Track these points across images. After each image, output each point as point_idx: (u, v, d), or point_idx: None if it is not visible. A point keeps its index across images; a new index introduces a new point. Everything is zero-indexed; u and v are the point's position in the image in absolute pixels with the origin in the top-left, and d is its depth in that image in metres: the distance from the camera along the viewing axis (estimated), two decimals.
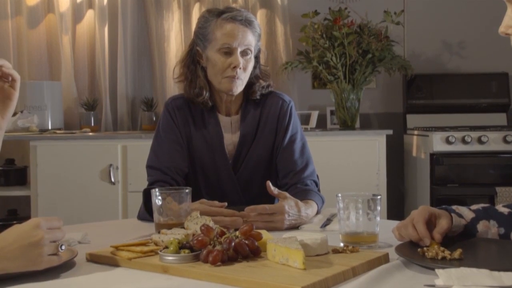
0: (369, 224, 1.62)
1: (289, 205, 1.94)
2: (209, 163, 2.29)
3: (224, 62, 2.19)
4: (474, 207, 1.66)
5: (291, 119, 2.34)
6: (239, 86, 2.23)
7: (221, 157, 2.28)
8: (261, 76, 2.34)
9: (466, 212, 1.63)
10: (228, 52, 2.18)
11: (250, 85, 2.31)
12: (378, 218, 1.63)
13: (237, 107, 2.34)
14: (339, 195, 1.64)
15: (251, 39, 2.21)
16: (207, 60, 2.25)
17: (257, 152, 2.30)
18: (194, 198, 1.94)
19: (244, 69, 2.21)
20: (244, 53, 2.20)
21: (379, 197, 1.64)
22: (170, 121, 2.30)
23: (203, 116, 2.31)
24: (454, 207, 1.64)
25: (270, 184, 1.98)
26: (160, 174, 2.23)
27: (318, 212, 2.14)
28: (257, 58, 2.32)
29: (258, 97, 2.33)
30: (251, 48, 2.21)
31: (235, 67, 2.18)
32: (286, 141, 2.31)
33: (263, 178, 2.15)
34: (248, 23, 2.19)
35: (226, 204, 1.93)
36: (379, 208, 1.63)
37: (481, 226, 1.61)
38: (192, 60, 2.29)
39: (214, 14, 2.22)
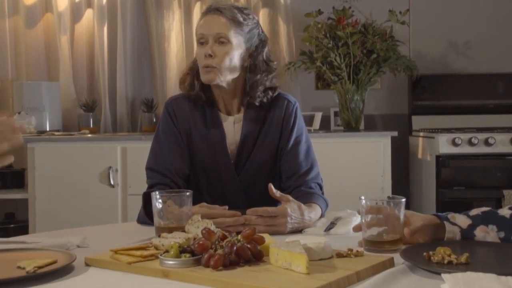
0: (394, 228, 1.59)
1: (291, 208, 1.91)
2: (210, 164, 2.25)
3: (199, 53, 2.19)
4: (474, 212, 1.65)
5: (296, 121, 2.31)
6: (216, 76, 2.18)
7: (223, 157, 2.25)
8: (257, 71, 2.26)
9: (463, 219, 1.63)
10: (203, 42, 2.19)
11: (250, 85, 2.25)
12: (402, 222, 1.61)
13: (237, 105, 2.30)
14: (363, 198, 1.62)
15: (224, 26, 2.17)
16: None
17: (260, 153, 2.27)
18: (196, 201, 1.92)
19: (219, 57, 2.16)
20: (217, 41, 2.17)
21: (403, 200, 1.61)
22: (170, 122, 2.28)
23: (204, 116, 2.28)
24: (450, 216, 1.63)
25: (272, 186, 1.95)
26: (160, 176, 2.20)
27: (321, 216, 2.11)
28: (256, 48, 2.26)
29: (257, 103, 2.27)
30: (226, 36, 2.17)
31: (205, 56, 2.16)
32: (291, 143, 2.28)
33: (266, 180, 2.10)
34: (217, 10, 2.18)
35: (227, 207, 1.91)
36: (403, 211, 1.60)
37: (478, 231, 1.61)
38: (195, 59, 2.30)
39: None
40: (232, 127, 2.28)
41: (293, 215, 1.90)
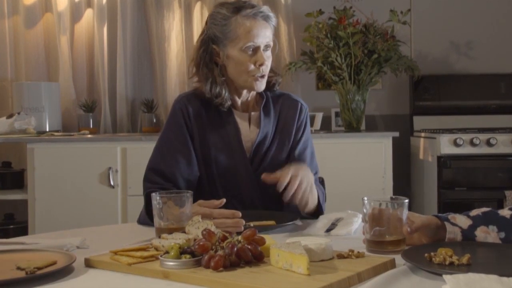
0: (396, 229, 1.58)
1: (290, 169, 1.98)
2: (226, 162, 2.24)
3: (249, 60, 2.15)
4: (474, 212, 1.65)
5: (307, 125, 2.37)
6: (264, 83, 2.22)
7: (239, 154, 2.23)
8: (273, 69, 2.32)
9: (463, 220, 1.62)
10: (253, 50, 2.15)
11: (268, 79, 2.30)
12: (405, 223, 1.60)
13: (253, 103, 2.31)
14: (365, 198, 1.61)
15: (270, 34, 2.18)
16: (227, 58, 2.19)
17: (276, 151, 2.28)
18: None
19: (267, 65, 2.19)
20: (265, 48, 2.17)
21: (406, 200, 1.60)
22: (180, 121, 2.24)
23: (218, 114, 2.26)
24: (450, 216, 1.63)
25: (265, 175, 2.00)
26: (161, 179, 2.17)
27: (320, 205, 2.15)
28: None
29: (276, 89, 2.34)
30: (271, 43, 2.20)
31: (261, 65, 2.15)
32: (300, 145, 2.32)
33: None
34: (268, 18, 2.17)
35: (224, 200, 1.91)
36: (406, 212, 1.60)
37: (479, 232, 1.60)
38: (210, 59, 2.23)
39: (232, 11, 2.16)
40: (247, 124, 2.28)
41: (298, 171, 1.96)
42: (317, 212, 2.16)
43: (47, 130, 4.31)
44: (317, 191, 2.12)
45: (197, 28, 4.57)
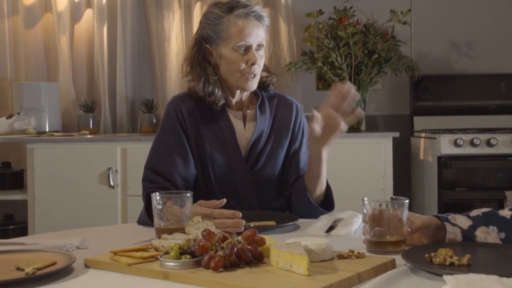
0: (396, 229, 1.58)
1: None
2: (221, 160, 2.24)
3: (241, 59, 2.16)
4: (474, 213, 1.65)
5: (306, 124, 2.37)
6: (256, 83, 2.22)
7: (234, 152, 2.23)
8: (268, 68, 2.35)
9: (464, 220, 1.62)
10: (245, 49, 2.16)
11: (261, 78, 2.30)
12: (405, 223, 1.60)
13: (247, 102, 2.31)
14: (365, 199, 1.61)
15: (263, 34, 2.19)
16: (219, 58, 2.21)
17: (271, 150, 2.28)
18: (208, 200, 1.97)
19: (259, 64, 2.19)
20: (258, 48, 2.18)
21: (406, 201, 1.60)
22: (175, 121, 2.25)
23: (212, 113, 2.26)
24: (450, 217, 1.63)
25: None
26: (160, 179, 2.18)
27: (329, 188, 2.24)
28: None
29: (271, 89, 2.35)
30: (263, 43, 2.20)
31: (252, 64, 2.16)
32: (305, 145, 2.32)
33: (277, 178, 2.20)
34: (260, 18, 2.18)
35: (225, 200, 1.91)
36: (406, 212, 1.60)
37: (479, 232, 1.60)
38: (203, 58, 2.25)
39: (225, 10, 2.18)
40: (242, 123, 2.28)
41: None
42: (327, 199, 2.21)
43: (47, 130, 4.31)
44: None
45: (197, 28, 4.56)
